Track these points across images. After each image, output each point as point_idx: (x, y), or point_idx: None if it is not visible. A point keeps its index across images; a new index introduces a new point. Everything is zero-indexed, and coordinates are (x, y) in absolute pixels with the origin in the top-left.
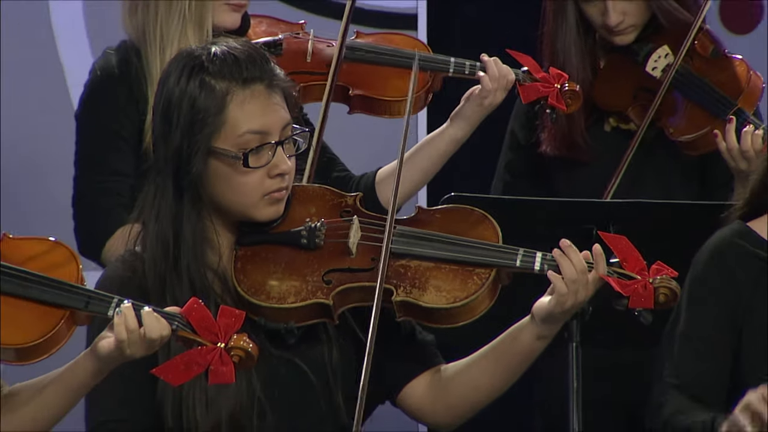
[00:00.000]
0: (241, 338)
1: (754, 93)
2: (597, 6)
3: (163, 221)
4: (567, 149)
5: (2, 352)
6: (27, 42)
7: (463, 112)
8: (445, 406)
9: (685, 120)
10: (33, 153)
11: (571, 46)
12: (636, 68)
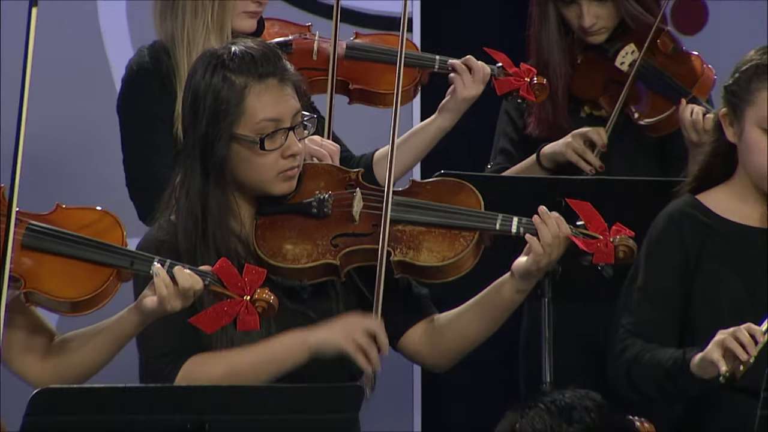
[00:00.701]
0: (264, 291)
1: (706, 83)
2: (574, 11)
3: (193, 197)
4: (550, 132)
5: (59, 305)
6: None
7: (448, 105)
8: (438, 350)
9: (648, 106)
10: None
11: (553, 45)
12: (607, 63)
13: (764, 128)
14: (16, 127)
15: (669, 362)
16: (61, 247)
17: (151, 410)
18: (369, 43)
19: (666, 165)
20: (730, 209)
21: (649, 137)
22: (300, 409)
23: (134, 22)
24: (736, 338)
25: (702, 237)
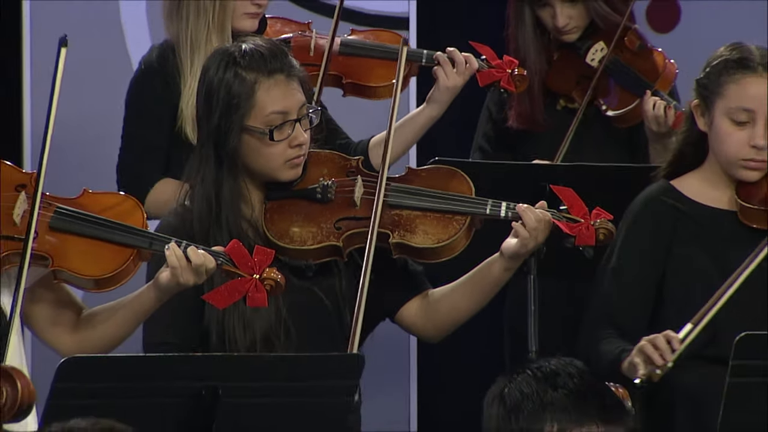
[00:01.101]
0: (272, 271)
1: (668, 77)
2: (548, 12)
3: (207, 184)
4: (528, 124)
5: (84, 282)
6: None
7: (434, 95)
8: (432, 322)
9: (615, 99)
10: (106, 130)
11: (530, 44)
12: (578, 60)
13: (732, 118)
14: (45, 125)
15: (609, 358)
16: (85, 229)
17: (169, 377)
18: (362, 39)
19: (634, 153)
20: (701, 193)
21: (617, 128)
22: (305, 376)
23: (153, 20)
24: (654, 345)
25: (674, 220)
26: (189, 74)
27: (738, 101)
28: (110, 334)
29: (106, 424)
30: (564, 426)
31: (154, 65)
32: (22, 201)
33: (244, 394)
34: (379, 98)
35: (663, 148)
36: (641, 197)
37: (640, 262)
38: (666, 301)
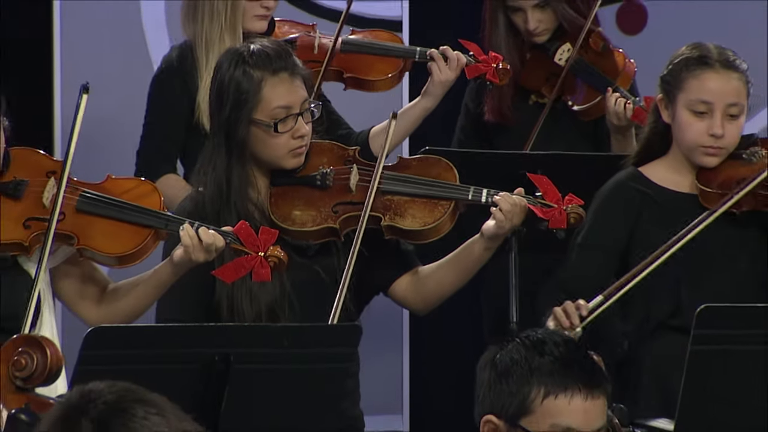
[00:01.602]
0: (276, 249)
1: (628, 75)
2: (521, 16)
3: (218, 171)
4: (499, 117)
5: (107, 259)
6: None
7: (429, 88)
8: (421, 296)
9: (581, 95)
10: (127, 122)
11: (503, 45)
12: (548, 59)
13: (693, 110)
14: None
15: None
16: (108, 211)
17: (185, 345)
18: (361, 38)
19: (598, 144)
20: (666, 179)
21: (582, 121)
22: (308, 344)
23: (171, 21)
24: (564, 310)
25: (641, 202)
26: (205, 71)
27: (698, 94)
28: (132, 306)
29: (121, 386)
30: (549, 389)
31: (174, 63)
32: (51, 186)
33: (254, 361)
34: (377, 91)
35: (623, 139)
36: (611, 182)
37: (605, 239)
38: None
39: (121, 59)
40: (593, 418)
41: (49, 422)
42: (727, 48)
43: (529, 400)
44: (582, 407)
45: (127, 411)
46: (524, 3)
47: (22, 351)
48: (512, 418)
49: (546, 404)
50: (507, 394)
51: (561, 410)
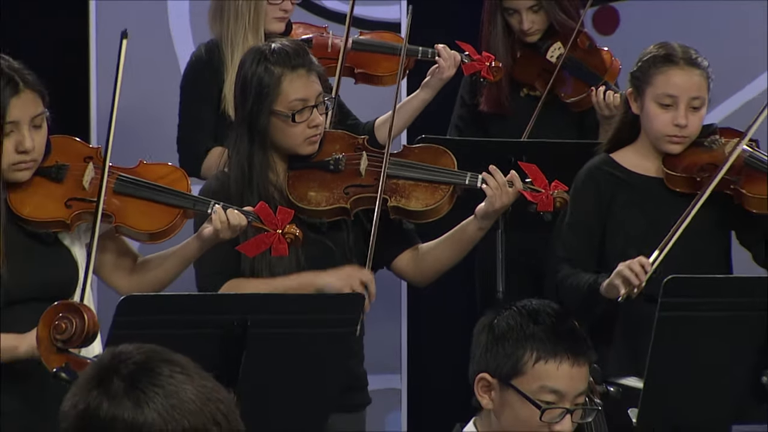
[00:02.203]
0: (292, 227)
1: (614, 71)
2: (516, 18)
3: (242, 156)
4: (496, 107)
5: (140, 236)
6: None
7: (428, 82)
8: (420, 270)
9: (571, 89)
10: (157, 112)
11: (499, 44)
12: (540, 57)
13: (659, 103)
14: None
15: (585, 286)
16: (141, 192)
17: (207, 311)
18: (369, 38)
19: (584, 132)
20: (635, 164)
21: (571, 112)
22: (318, 311)
23: (194, 20)
24: (630, 269)
25: (613, 185)
26: (230, 66)
27: (664, 89)
28: (161, 277)
29: (149, 348)
30: (541, 355)
31: (203, 58)
32: (90, 170)
33: (269, 326)
34: (383, 85)
35: (611, 128)
36: (586, 167)
37: (586, 217)
38: (607, 248)
39: (149, 55)
40: (577, 382)
41: (85, 379)
42: (690, 47)
43: (522, 363)
44: (569, 373)
45: (154, 370)
46: (519, 6)
47: (62, 316)
48: (505, 377)
49: (537, 368)
50: (502, 356)
51: (550, 374)
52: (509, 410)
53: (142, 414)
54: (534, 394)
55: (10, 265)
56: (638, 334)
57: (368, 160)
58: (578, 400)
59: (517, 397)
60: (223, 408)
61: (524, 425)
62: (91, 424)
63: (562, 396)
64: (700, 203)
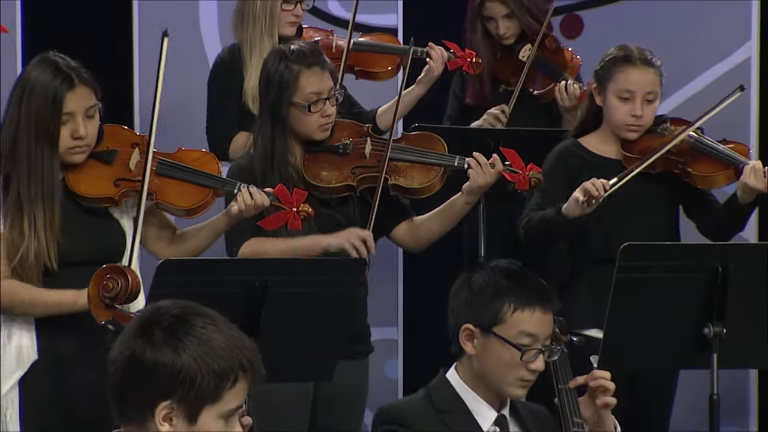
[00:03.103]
0: (305, 206)
1: (575, 68)
2: (493, 24)
3: (265, 141)
4: (479, 101)
5: (177, 212)
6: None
7: (422, 79)
8: (415, 239)
9: (540, 84)
10: (190, 105)
11: (480, 46)
12: (514, 57)
13: (619, 96)
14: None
15: (549, 213)
16: (179, 174)
17: (233, 273)
18: (368, 40)
19: (553, 121)
20: (598, 147)
21: (542, 104)
22: (328, 272)
23: (221, 22)
24: (593, 184)
25: (579, 164)
26: (250, 65)
27: (623, 85)
28: (194, 246)
29: (184, 303)
30: (516, 306)
31: (226, 59)
32: (136, 154)
33: (285, 285)
34: (380, 80)
35: (572, 117)
36: (556, 149)
37: (555, 188)
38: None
39: (183, 56)
40: (547, 326)
41: (131, 330)
42: (645, 49)
43: (502, 313)
44: (540, 318)
45: (189, 322)
46: (496, 14)
47: (110, 277)
48: (487, 326)
49: (515, 316)
50: (482, 308)
51: (526, 320)
52: (491, 355)
53: (180, 359)
54: (513, 339)
55: (68, 234)
56: (599, 292)
57: (372, 145)
58: (546, 342)
59: (499, 342)
60: (248, 354)
61: (505, 366)
62: (136, 368)
63: (536, 338)
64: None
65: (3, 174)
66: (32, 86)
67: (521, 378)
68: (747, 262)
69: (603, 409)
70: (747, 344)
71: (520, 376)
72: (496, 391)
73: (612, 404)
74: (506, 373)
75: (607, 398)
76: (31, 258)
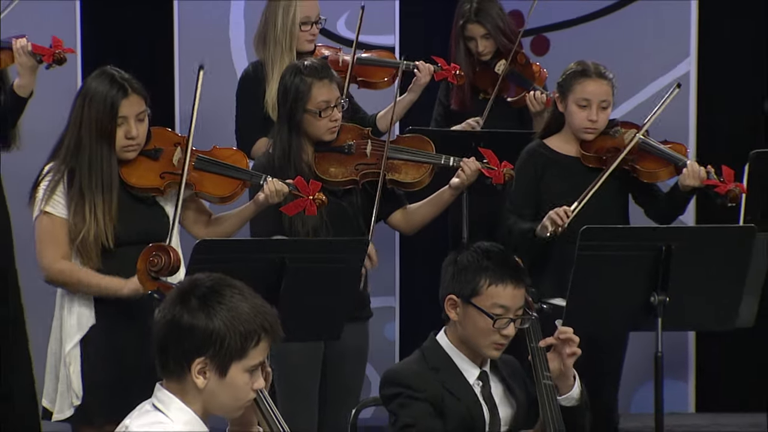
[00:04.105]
0: (320, 194)
1: (542, 79)
2: (473, 43)
3: (283, 141)
4: (462, 107)
5: (212, 200)
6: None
7: (412, 88)
8: (408, 224)
9: (513, 92)
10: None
11: (462, 61)
12: (491, 70)
13: (578, 104)
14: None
15: (525, 230)
16: (214, 168)
17: (257, 251)
18: (369, 55)
19: (524, 124)
20: (561, 147)
21: (514, 109)
22: (337, 251)
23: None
24: (557, 213)
25: (545, 161)
26: (270, 79)
27: (581, 94)
28: (226, 229)
29: (216, 276)
30: (492, 281)
31: (251, 74)
32: (178, 152)
33: (301, 261)
34: (379, 89)
35: (540, 120)
36: (525, 149)
37: (527, 185)
38: (542, 204)
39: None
40: (518, 299)
41: (171, 298)
42: (600, 63)
43: (479, 287)
44: (512, 293)
45: (220, 292)
46: (475, 35)
47: (155, 254)
48: (467, 297)
49: (490, 290)
50: (464, 282)
51: (499, 294)
52: (470, 321)
53: (212, 323)
54: (488, 309)
55: (121, 218)
56: (564, 268)
57: (372, 146)
58: (518, 312)
59: (476, 311)
60: (269, 318)
61: (481, 332)
62: (176, 330)
63: (508, 309)
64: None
65: (68, 168)
66: (93, 94)
67: (495, 342)
68: (687, 242)
69: (568, 359)
70: (686, 310)
71: (494, 340)
72: (476, 351)
73: (578, 353)
74: (482, 338)
75: (573, 348)
76: (91, 239)
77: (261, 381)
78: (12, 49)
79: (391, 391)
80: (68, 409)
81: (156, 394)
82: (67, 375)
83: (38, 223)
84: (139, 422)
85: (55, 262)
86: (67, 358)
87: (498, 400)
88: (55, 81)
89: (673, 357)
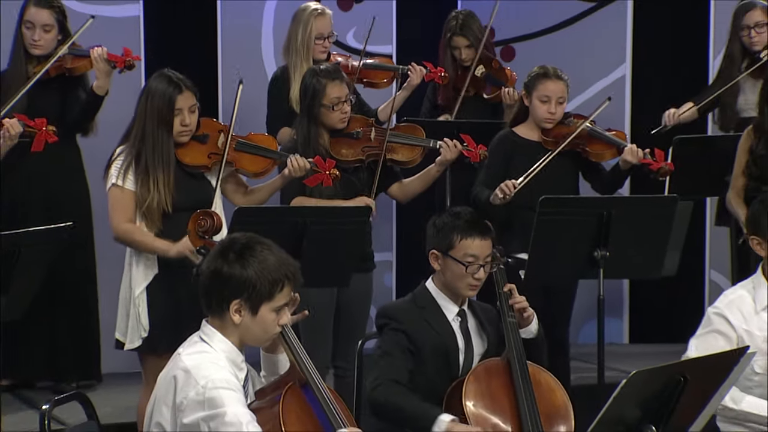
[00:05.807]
0: (335, 170)
1: (513, 80)
2: (458, 51)
3: (304, 130)
4: (447, 103)
5: (249, 175)
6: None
7: (406, 87)
8: (403, 194)
9: (489, 90)
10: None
11: (448, 65)
12: (471, 73)
13: (540, 100)
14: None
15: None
16: (250, 150)
17: (283, 216)
18: (372, 61)
19: (496, 115)
20: (526, 134)
21: (489, 104)
22: (347, 214)
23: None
24: (506, 185)
25: (512, 146)
26: (293, 80)
27: (542, 92)
28: (259, 198)
29: (250, 235)
30: (463, 236)
31: (279, 75)
32: (221, 137)
33: (318, 224)
34: (380, 89)
35: (510, 112)
36: (497, 136)
37: (497, 163)
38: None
39: (250, 73)
40: (485, 249)
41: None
42: (557, 67)
43: (453, 241)
44: (480, 244)
45: (253, 248)
46: (459, 45)
47: (202, 217)
48: (445, 250)
49: (462, 242)
50: (442, 238)
51: (469, 245)
52: (448, 269)
53: (246, 272)
54: (461, 258)
55: (177, 189)
56: (527, 229)
57: (375, 132)
58: (487, 260)
59: (452, 261)
60: (292, 268)
61: (457, 277)
62: (217, 278)
63: (477, 258)
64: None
65: (135, 151)
66: (154, 91)
67: (470, 284)
68: (623, 209)
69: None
70: (622, 262)
71: (468, 282)
72: (456, 293)
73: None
74: (459, 281)
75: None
76: (155, 205)
77: (285, 318)
78: (91, 57)
79: (380, 321)
80: (137, 341)
81: (202, 329)
82: (137, 314)
83: (111, 193)
84: (189, 350)
85: (121, 223)
86: (137, 300)
87: (473, 333)
88: (124, 82)
89: (612, 299)
